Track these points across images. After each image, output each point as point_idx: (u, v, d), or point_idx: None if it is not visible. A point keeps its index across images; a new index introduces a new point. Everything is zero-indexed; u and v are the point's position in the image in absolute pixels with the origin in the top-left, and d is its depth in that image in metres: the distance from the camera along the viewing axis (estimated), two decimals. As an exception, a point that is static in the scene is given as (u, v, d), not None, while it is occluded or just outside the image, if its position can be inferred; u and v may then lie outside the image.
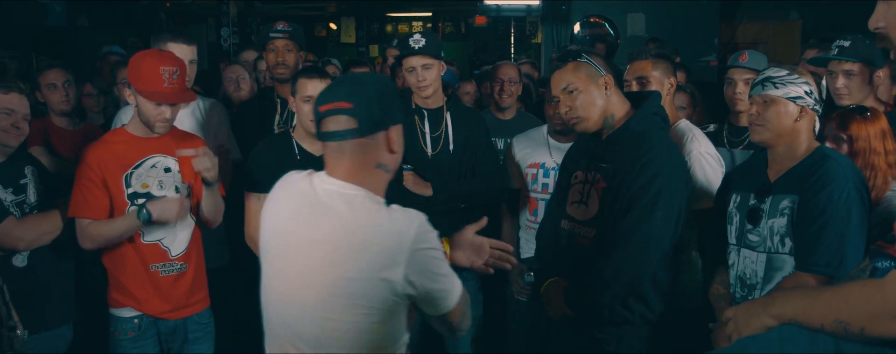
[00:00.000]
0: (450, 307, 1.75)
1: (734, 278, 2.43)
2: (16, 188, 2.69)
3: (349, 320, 1.66)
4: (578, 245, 2.50)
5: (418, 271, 1.64)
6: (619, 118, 2.47)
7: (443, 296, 1.73)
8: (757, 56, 3.29)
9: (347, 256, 1.64)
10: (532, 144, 3.45)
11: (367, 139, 1.70)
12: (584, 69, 2.44)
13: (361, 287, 1.64)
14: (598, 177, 2.47)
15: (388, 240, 1.63)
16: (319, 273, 1.67)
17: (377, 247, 1.63)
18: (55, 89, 3.67)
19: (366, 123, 1.69)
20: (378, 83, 1.78)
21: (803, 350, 1.39)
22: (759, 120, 2.32)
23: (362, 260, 1.63)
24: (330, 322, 1.68)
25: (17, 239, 2.59)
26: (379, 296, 1.64)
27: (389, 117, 1.74)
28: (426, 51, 3.04)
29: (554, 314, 2.54)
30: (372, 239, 1.64)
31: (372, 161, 1.73)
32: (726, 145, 3.31)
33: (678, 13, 7.39)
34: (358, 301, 1.64)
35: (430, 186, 3.10)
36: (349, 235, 1.65)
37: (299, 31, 3.72)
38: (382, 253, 1.62)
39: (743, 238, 2.38)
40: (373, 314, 1.66)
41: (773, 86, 2.30)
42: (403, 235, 1.63)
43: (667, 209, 2.34)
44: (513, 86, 3.94)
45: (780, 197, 2.28)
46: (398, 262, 1.62)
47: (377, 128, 1.71)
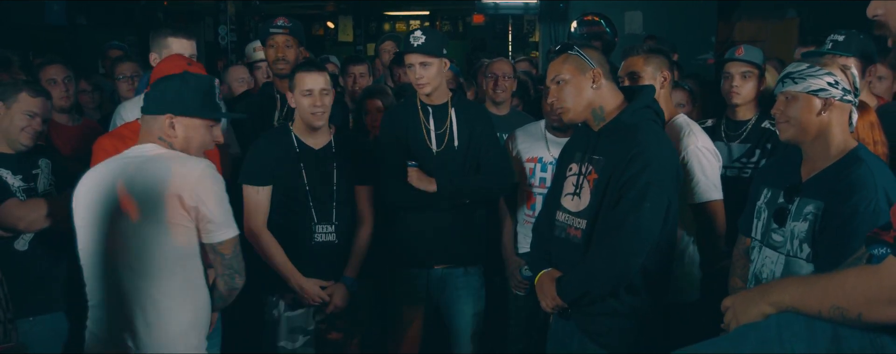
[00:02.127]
0: (228, 235, 2.27)
1: (751, 275, 2.39)
2: (26, 176, 2.76)
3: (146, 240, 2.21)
4: (571, 236, 2.53)
5: (202, 194, 2.19)
6: (609, 111, 2.51)
7: (220, 224, 2.23)
8: (753, 50, 3.31)
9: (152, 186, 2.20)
10: (530, 139, 3.46)
11: (148, 117, 2.31)
12: (574, 61, 2.50)
13: (155, 209, 2.18)
14: (590, 169, 2.50)
15: (183, 169, 2.23)
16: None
17: (174, 176, 2.20)
18: (55, 85, 3.68)
19: (150, 104, 2.32)
20: (174, 78, 2.32)
21: (801, 337, 1.40)
22: (783, 117, 2.26)
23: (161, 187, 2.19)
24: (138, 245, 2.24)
25: (17, 219, 2.64)
26: (173, 216, 2.17)
27: (166, 107, 2.28)
28: (424, 49, 3.04)
29: (546, 305, 2.58)
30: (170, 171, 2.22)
31: (154, 134, 2.30)
32: (724, 139, 3.33)
33: (676, 11, 7.41)
34: (154, 221, 2.19)
35: (434, 182, 3.11)
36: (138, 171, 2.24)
37: (299, 27, 3.72)
38: (178, 180, 2.19)
39: (767, 236, 2.32)
40: (165, 233, 2.19)
41: (793, 81, 2.23)
42: (194, 167, 2.23)
43: (655, 201, 2.37)
44: (507, 81, 3.95)
45: (807, 200, 2.19)
46: (186, 186, 2.18)
47: (155, 112, 2.29)
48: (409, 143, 3.19)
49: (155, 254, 2.17)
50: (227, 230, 2.25)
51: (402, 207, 3.21)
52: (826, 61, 2.25)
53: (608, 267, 2.39)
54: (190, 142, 2.31)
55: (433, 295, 3.29)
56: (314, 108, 2.99)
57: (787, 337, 1.42)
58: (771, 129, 3.23)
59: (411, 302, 3.28)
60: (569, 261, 2.52)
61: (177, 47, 3.14)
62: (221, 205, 2.23)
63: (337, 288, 3.11)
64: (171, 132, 2.27)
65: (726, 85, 3.32)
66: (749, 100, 3.30)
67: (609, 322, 2.49)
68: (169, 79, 2.30)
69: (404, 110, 3.26)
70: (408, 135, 3.19)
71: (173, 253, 2.19)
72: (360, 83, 4.45)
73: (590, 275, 2.44)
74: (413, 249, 3.22)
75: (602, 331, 2.49)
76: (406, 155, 3.17)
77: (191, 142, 2.31)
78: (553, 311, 2.58)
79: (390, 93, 3.96)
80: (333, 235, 3.11)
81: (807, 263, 2.18)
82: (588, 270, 2.44)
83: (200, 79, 2.33)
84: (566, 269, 2.53)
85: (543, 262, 2.63)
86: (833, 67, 2.21)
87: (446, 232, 3.19)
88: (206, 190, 2.18)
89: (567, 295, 2.49)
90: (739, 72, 3.28)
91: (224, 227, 2.24)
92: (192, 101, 2.28)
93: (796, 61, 2.29)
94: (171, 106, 2.27)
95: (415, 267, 3.26)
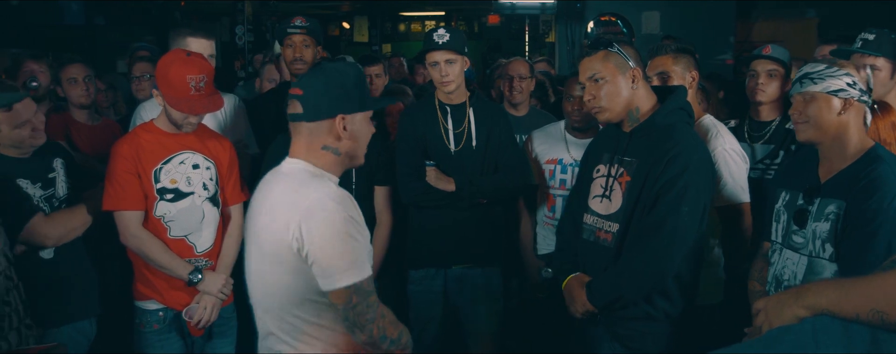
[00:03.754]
0: (335, 285, 1.82)
1: (771, 276, 2.36)
2: (44, 182, 2.70)
3: (269, 272, 1.89)
4: (601, 240, 2.48)
5: (306, 231, 1.79)
6: (644, 112, 2.45)
7: (330, 269, 1.81)
8: (780, 49, 3.27)
9: (272, 216, 1.86)
10: (550, 140, 3.44)
11: (314, 124, 1.92)
12: (614, 59, 2.42)
13: (274, 241, 1.84)
14: (621, 171, 2.44)
15: (298, 200, 1.83)
16: (257, 236, 1.93)
17: (289, 205, 1.84)
18: (76, 84, 3.69)
19: (310, 110, 1.91)
20: (333, 73, 1.94)
21: (838, 340, 1.37)
22: (802, 117, 2.24)
23: (278, 217, 1.84)
24: (263, 276, 1.92)
25: (44, 237, 2.59)
26: (285, 252, 1.82)
27: (337, 105, 1.92)
28: (450, 46, 3.03)
29: (575, 310, 2.52)
30: (288, 200, 1.86)
31: (317, 143, 1.94)
32: (747, 140, 3.29)
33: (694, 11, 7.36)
34: (270, 254, 1.86)
35: (452, 181, 3.10)
36: (278, 199, 1.89)
37: (317, 27, 3.72)
38: (290, 210, 1.82)
39: (787, 238, 2.30)
40: (284, 267, 1.84)
41: (812, 81, 2.21)
42: (309, 196, 1.83)
43: (693, 204, 2.33)
44: (523, 82, 3.93)
45: (828, 201, 2.18)
46: (294, 218, 1.80)
47: (322, 115, 1.91)
48: (427, 143, 3.18)
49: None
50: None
51: (420, 207, 3.19)
52: (841, 62, 2.24)
53: (644, 271, 2.34)
54: (360, 140, 2.00)
55: (451, 295, 3.27)
56: None
57: (823, 341, 1.39)
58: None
59: (429, 302, 3.26)
60: (598, 265, 2.47)
61: (196, 47, 3.15)
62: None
63: (355, 288, 3.10)
64: (343, 134, 1.94)
65: (751, 83, 3.28)
66: (774, 99, 3.26)
67: (641, 326, 2.44)
68: (319, 76, 1.94)
69: (422, 110, 3.25)
70: (426, 134, 3.18)
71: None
72: (376, 83, 4.44)
73: (623, 279, 2.38)
74: (431, 249, 3.21)
75: (634, 336, 2.45)
76: (424, 154, 3.16)
77: (361, 141, 2.01)
78: (582, 317, 2.52)
79: (411, 94, 3.95)
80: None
81: (830, 263, 2.17)
82: (621, 274, 2.38)
83: (349, 68, 2.02)
84: (594, 273, 2.48)
85: (570, 266, 2.58)
86: (849, 67, 2.20)
87: (464, 232, 3.18)
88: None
89: (598, 300, 2.44)
90: (765, 71, 3.24)
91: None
92: (358, 94, 1.97)
93: (812, 62, 2.27)
94: (340, 104, 1.93)
95: (433, 267, 3.25)
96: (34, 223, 2.55)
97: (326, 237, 1.79)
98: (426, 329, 3.28)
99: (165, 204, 2.69)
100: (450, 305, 3.29)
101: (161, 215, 2.70)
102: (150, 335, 2.73)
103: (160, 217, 2.70)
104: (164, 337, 2.73)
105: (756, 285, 2.45)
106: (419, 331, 3.29)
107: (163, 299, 2.72)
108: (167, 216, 2.69)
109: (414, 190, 3.13)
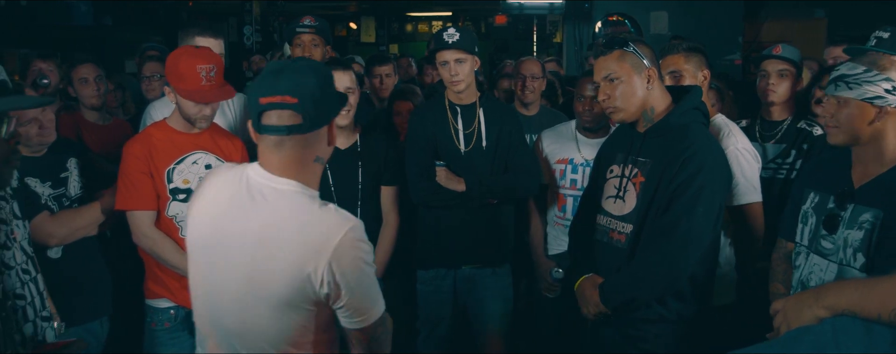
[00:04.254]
0: (363, 325, 1.68)
1: (796, 281, 2.26)
2: (55, 181, 2.69)
3: (266, 314, 1.65)
4: (614, 240, 2.46)
5: (339, 273, 1.60)
6: (659, 112, 2.42)
7: (359, 309, 1.67)
8: (791, 48, 3.25)
9: (271, 251, 1.62)
10: (560, 139, 3.43)
11: (310, 134, 1.65)
12: (630, 59, 2.39)
13: (280, 282, 1.61)
14: (635, 172, 2.42)
15: (313, 238, 1.59)
16: (243, 265, 1.65)
17: (300, 244, 1.60)
18: (87, 84, 3.70)
19: (311, 119, 1.64)
20: (319, 73, 1.69)
21: (859, 341, 1.36)
22: (833, 122, 2.11)
23: (284, 255, 1.60)
24: (249, 316, 1.67)
25: (48, 236, 2.59)
26: (297, 293, 1.61)
27: (332, 110, 1.70)
28: (460, 45, 3.03)
29: (588, 311, 2.50)
30: (296, 236, 1.61)
31: (311, 155, 1.69)
32: (759, 139, 3.28)
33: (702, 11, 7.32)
34: (275, 297, 1.63)
35: (462, 182, 3.09)
36: (276, 230, 1.63)
37: (326, 26, 3.73)
38: (305, 250, 1.59)
39: (816, 242, 2.18)
40: (290, 310, 1.64)
41: (847, 86, 2.06)
42: (330, 235, 1.59)
43: (708, 205, 2.30)
44: (535, 81, 3.93)
45: (863, 208, 2.05)
46: (320, 261, 1.58)
47: (322, 123, 1.67)
48: (437, 143, 3.17)
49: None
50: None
51: (430, 207, 3.19)
52: (884, 63, 2.06)
53: (658, 272, 2.32)
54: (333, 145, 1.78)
55: (460, 295, 3.26)
56: None
57: (843, 341, 1.37)
58: (807, 130, 3.18)
59: (438, 303, 3.26)
60: (611, 266, 2.45)
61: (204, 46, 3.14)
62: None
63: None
64: (332, 139, 1.73)
65: (762, 83, 3.27)
66: (785, 99, 3.25)
67: (655, 328, 2.42)
68: (307, 79, 1.66)
69: (432, 110, 3.24)
70: (436, 134, 3.17)
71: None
72: (387, 83, 4.44)
73: (637, 281, 2.36)
74: (441, 249, 3.21)
75: (647, 338, 2.43)
76: (434, 154, 3.15)
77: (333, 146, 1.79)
78: (595, 318, 2.51)
79: (420, 94, 3.95)
80: (361, 235, 3.09)
81: (860, 273, 2.05)
82: (635, 275, 2.36)
83: (319, 64, 1.79)
84: (607, 274, 2.46)
85: (582, 267, 2.57)
86: (892, 71, 2.04)
87: (474, 232, 3.17)
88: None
89: (611, 301, 2.42)
90: (776, 71, 3.22)
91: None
92: (335, 96, 1.76)
93: (850, 62, 2.11)
94: (333, 107, 1.73)
95: (442, 267, 3.24)
96: (38, 221, 2.55)
97: (359, 278, 1.63)
98: (435, 329, 3.27)
99: (178, 204, 2.69)
100: (459, 305, 3.29)
101: (173, 215, 2.70)
102: (161, 333, 2.73)
103: (172, 216, 2.70)
104: (175, 336, 2.73)
105: (780, 287, 2.35)
106: (428, 332, 3.29)
107: (174, 297, 2.72)
108: (179, 216, 2.69)
109: (424, 190, 3.13)
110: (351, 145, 3.12)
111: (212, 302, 1.75)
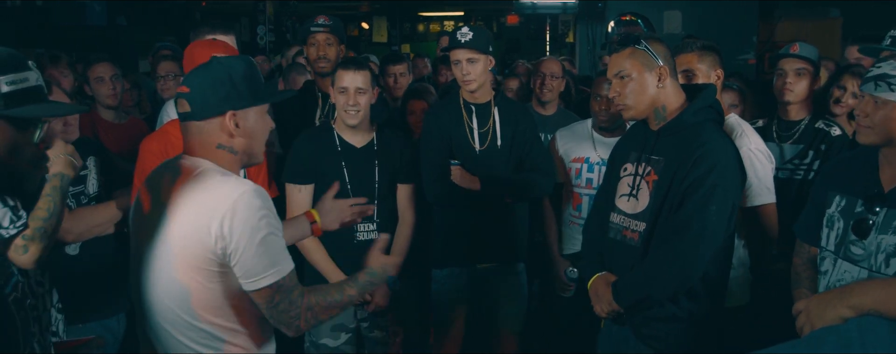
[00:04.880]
0: (259, 285, 1.77)
1: (823, 288, 2.17)
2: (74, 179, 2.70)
3: (176, 278, 1.77)
4: (628, 239, 2.46)
5: (229, 230, 1.72)
6: (672, 110, 2.40)
7: (254, 269, 1.76)
8: (808, 47, 3.22)
9: (184, 218, 1.76)
10: (576, 138, 3.42)
11: (203, 122, 1.83)
12: (640, 56, 2.38)
13: (185, 242, 1.75)
14: (648, 170, 2.42)
15: (212, 199, 1.74)
16: (167, 240, 1.79)
17: (202, 206, 1.74)
18: (103, 83, 3.72)
19: (199, 108, 1.82)
20: (220, 69, 1.84)
21: (885, 341, 1.34)
22: (867, 122, 2.03)
23: (189, 218, 1.75)
24: (172, 285, 1.79)
25: (65, 232, 2.58)
26: (199, 252, 1.73)
27: (226, 102, 1.82)
28: (472, 44, 3.03)
29: (601, 310, 2.50)
30: (200, 200, 1.75)
31: (211, 142, 1.85)
32: (776, 140, 3.25)
33: (716, 11, 7.28)
34: (179, 257, 1.76)
35: (477, 180, 3.09)
36: (183, 197, 1.78)
37: (340, 25, 3.73)
38: (205, 210, 1.73)
39: (844, 248, 2.10)
40: (195, 272, 1.76)
41: (889, 87, 1.98)
42: (226, 196, 1.73)
43: (721, 203, 2.28)
44: (554, 81, 3.93)
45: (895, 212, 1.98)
46: (213, 218, 1.71)
47: (211, 113, 1.82)
48: (452, 142, 3.17)
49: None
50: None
51: (444, 206, 3.18)
52: None
53: (670, 270, 2.31)
54: (255, 137, 1.91)
55: (475, 294, 3.26)
56: (347, 107, 2.99)
57: (869, 341, 1.35)
58: (825, 130, 3.15)
59: (453, 301, 3.25)
60: (624, 265, 2.44)
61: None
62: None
63: (379, 286, 3.09)
64: (235, 131, 1.86)
65: (779, 82, 3.23)
66: (802, 98, 3.21)
67: (667, 327, 2.41)
68: (205, 73, 1.86)
69: (447, 108, 3.24)
70: (451, 133, 3.17)
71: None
72: (401, 82, 4.44)
73: (650, 279, 2.35)
74: (456, 247, 3.20)
75: (659, 336, 2.42)
76: (449, 153, 3.15)
77: (256, 137, 1.92)
78: (607, 316, 2.50)
79: (434, 93, 3.95)
80: (375, 233, 3.09)
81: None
82: (648, 274, 2.35)
83: (237, 62, 1.93)
84: (621, 273, 2.44)
85: (596, 265, 2.56)
86: None
87: (489, 231, 3.17)
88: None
89: (624, 299, 2.41)
90: (793, 70, 3.19)
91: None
92: (248, 88, 1.88)
93: (894, 61, 2.02)
94: (228, 101, 1.85)
95: (457, 266, 3.24)
96: None
97: (250, 236, 1.73)
98: (450, 328, 3.27)
99: (194, 201, 2.70)
100: (473, 304, 3.28)
101: (189, 212, 2.71)
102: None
103: (188, 213, 2.71)
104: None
105: (806, 293, 2.25)
106: (442, 330, 3.29)
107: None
108: (195, 213, 2.70)
109: (439, 189, 3.13)
110: (367, 143, 3.12)
111: (138, 278, 1.88)
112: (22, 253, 1.99)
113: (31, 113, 1.65)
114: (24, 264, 1.96)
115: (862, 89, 2.07)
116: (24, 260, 1.98)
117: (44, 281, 2.03)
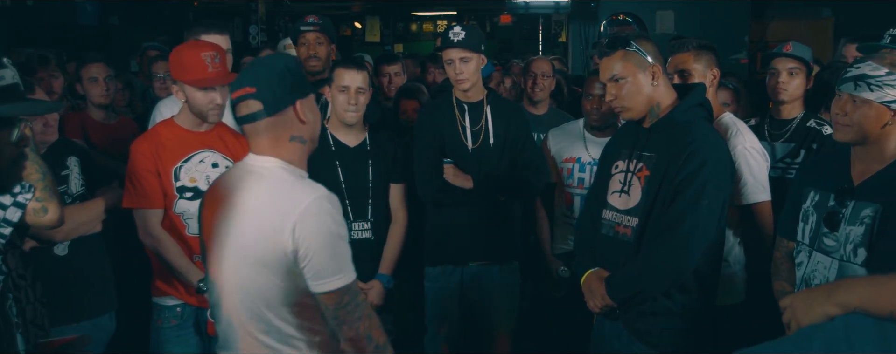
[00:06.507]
0: (328, 288, 1.81)
1: (800, 279, 2.27)
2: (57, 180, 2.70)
3: (254, 275, 1.81)
4: (620, 234, 2.47)
5: (302, 235, 1.75)
6: (664, 107, 2.44)
7: (324, 271, 1.80)
8: (801, 47, 3.24)
9: (258, 219, 1.80)
10: (568, 138, 3.43)
11: (276, 117, 1.85)
12: (632, 58, 2.41)
13: (263, 246, 1.78)
14: (640, 166, 2.45)
15: (285, 203, 1.78)
16: (241, 237, 1.83)
17: (275, 208, 1.79)
18: (96, 83, 3.72)
19: (271, 104, 1.84)
20: (278, 63, 1.89)
21: (871, 339, 1.35)
22: (845, 120, 2.08)
23: (263, 219, 1.79)
24: (244, 280, 1.83)
25: (53, 231, 2.60)
26: (271, 253, 1.77)
27: (293, 93, 1.86)
28: (465, 44, 3.04)
29: (594, 305, 2.51)
30: (272, 202, 1.81)
31: (285, 135, 1.88)
32: (768, 138, 3.26)
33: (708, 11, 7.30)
34: (252, 257, 1.80)
35: (470, 179, 3.10)
36: (256, 199, 1.82)
37: (329, 24, 3.73)
38: (278, 213, 1.77)
39: (817, 240, 2.18)
40: (268, 271, 1.79)
41: (868, 87, 2.02)
42: (299, 200, 1.77)
43: (712, 199, 2.32)
44: (545, 80, 3.94)
45: (863, 204, 2.05)
46: (286, 222, 1.75)
47: (283, 106, 1.85)
48: (444, 140, 3.18)
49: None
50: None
51: (437, 204, 3.19)
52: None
53: (663, 265, 2.33)
54: (318, 122, 1.96)
55: (468, 292, 3.26)
56: (347, 106, 3.00)
57: (856, 339, 1.36)
58: (816, 129, 3.16)
59: (446, 300, 3.26)
60: (617, 260, 2.47)
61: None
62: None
63: (373, 285, 3.10)
64: (307, 118, 1.89)
65: (772, 81, 3.25)
66: (795, 97, 3.23)
67: (660, 322, 2.43)
68: (264, 70, 1.88)
69: (439, 108, 3.25)
70: (443, 132, 3.18)
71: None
72: (395, 82, 4.44)
73: (643, 274, 2.38)
74: (448, 246, 3.21)
75: (653, 331, 2.44)
76: (441, 152, 3.16)
77: (318, 123, 1.97)
78: (600, 312, 2.52)
79: (426, 92, 3.95)
80: (370, 232, 3.11)
81: (860, 268, 2.06)
82: (641, 269, 2.38)
83: (280, 57, 2.02)
84: (614, 268, 2.47)
85: (588, 262, 2.58)
86: None
87: (482, 229, 3.18)
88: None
89: (617, 294, 2.43)
90: (786, 69, 3.20)
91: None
92: (303, 77, 1.94)
93: (873, 62, 2.06)
94: (295, 91, 1.87)
95: (450, 264, 3.24)
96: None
97: (322, 240, 1.78)
98: (443, 326, 3.27)
99: (185, 202, 2.69)
100: (466, 302, 3.29)
101: (180, 212, 2.70)
102: (167, 331, 2.73)
103: (180, 214, 2.70)
104: (181, 334, 2.73)
105: (785, 285, 2.35)
106: (436, 329, 3.29)
107: (180, 294, 2.72)
108: (186, 214, 2.69)
109: (431, 187, 3.13)
110: (360, 143, 3.13)
111: (218, 278, 1.91)
112: (44, 214, 1.99)
113: (8, 112, 1.63)
114: (50, 223, 1.98)
115: (841, 88, 2.11)
116: (47, 220, 1.99)
117: (26, 274, 2.02)
